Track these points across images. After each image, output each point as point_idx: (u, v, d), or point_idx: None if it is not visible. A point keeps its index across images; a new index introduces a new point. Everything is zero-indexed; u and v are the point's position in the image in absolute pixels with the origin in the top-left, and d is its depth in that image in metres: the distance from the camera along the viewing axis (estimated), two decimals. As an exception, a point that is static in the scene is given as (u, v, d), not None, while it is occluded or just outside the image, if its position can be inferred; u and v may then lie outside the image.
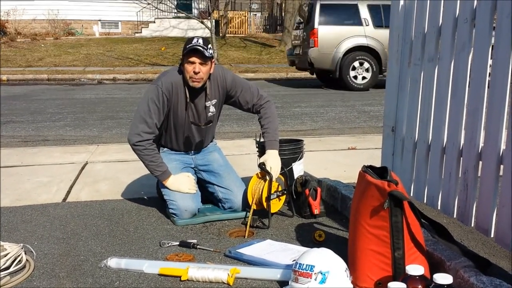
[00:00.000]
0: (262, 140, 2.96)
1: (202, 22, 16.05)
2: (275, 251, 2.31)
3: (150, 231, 2.69)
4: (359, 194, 2.04)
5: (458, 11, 2.36)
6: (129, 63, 15.41)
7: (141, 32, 21.19)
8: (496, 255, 2.30)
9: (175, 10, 18.60)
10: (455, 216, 2.40)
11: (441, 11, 2.49)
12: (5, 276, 2.08)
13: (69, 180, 3.72)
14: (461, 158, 2.34)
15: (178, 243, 2.47)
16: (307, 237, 2.56)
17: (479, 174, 2.22)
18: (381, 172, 2.02)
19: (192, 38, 2.79)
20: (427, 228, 2.00)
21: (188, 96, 2.84)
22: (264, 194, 2.73)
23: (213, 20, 16.68)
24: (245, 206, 2.89)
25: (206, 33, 15.75)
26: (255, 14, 27.08)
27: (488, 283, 1.72)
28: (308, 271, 1.81)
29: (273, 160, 2.85)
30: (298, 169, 3.07)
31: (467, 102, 2.30)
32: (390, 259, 1.89)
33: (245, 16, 25.29)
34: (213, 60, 2.83)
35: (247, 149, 4.56)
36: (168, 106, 2.84)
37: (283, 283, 1.99)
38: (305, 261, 1.85)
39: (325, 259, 1.84)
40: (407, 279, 1.72)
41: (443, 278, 1.63)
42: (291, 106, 8.10)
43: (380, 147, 3.08)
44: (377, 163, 2.64)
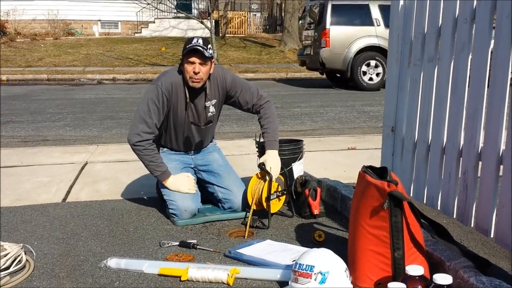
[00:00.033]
0: (262, 140, 2.96)
1: (202, 22, 16.04)
2: (275, 251, 2.31)
3: (150, 231, 2.69)
4: (359, 195, 2.04)
5: (458, 11, 2.36)
6: (128, 63, 15.40)
7: (140, 32, 21.19)
8: (495, 256, 2.30)
9: (175, 10, 18.59)
10: (454, 216, 2.40)
11: (441, 11, 2.49)
12: (5, 276, 2.08)
13: (69, 180, 3.72)
14: (461, 158, 2.34)
15: (178, 243, 2.47)
16: (306, 237, 2.56)
17: (479, 175, 2.22)
18: (381, 172, 2.02)
19: (192, 38, 2.79)
20: (427, 229, 2.00)
21: (188, 96, 2.84)
22: (264, 194, 2.73)
23: (213, 20, 16.69)
24: (245, 206, 2.88)
25: (206, 33, 15.75)
26: (255, 14, 27.08)
27: (488, 284, 1.72)
28: (308, 271, 1.81)
29: (273, 160, 2.85)
30: (298, 169, 3.07)
31: (467, 102, 2.30)
32: (390, 259, 1.90)
33: (244, 16, 25.29)
34: (213, 60, 2.83)
35: (246, 149, 4.56)
36: (168, 106, 2.84)
37: (283, 283, 1.99)
38: (305, 261, 1.85)
39: (325, 259, 1.85)
40: (407, 279, 1.72)
41: (442, 279, 1.63)
42: (291, 106, 8.10)
43: (380, 147, 3.08)
44: (377, 163, 2.64)
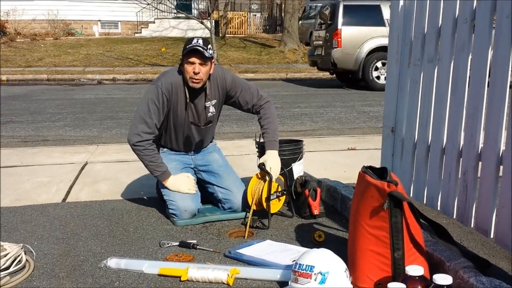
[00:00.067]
0: (261, 140, 2.96)
1: (201, 23, 16.03)
2: (274, 252, 2.31)
3: (150, 231, 2.69)
4: (358, 195, 2.04)
5: (457, 12, 2.36)
6: (128, 63, 15.39)
7: (140, 33, 21.18)
8: (495, 256, 2.30)
9: (175, 11, 18.57)
10: (454, 216, 2.40)
11: (441, 11, 2.49)
12: (5, 276, 2.08)
13: (69, 180, 3.72)
14: (461, 158, 2.34)
15: (177, 243, 2.47)
16: (306, 238, 2.56)
17: (479, 175, 2.22)
18: (380, 172, 2.02)
19: (192, 39, 2.79)
20: (427, 229, 2.01)
21: (188, 97, 2.84)
22: (264, 195, 2.73)
23: (213, 21, 16.68)
24: (245, 206, 2.88)
25: (206, 33, 15.73)
26: (255, 15, 27.08)
27: (488, 284, 1.72)
28: (308, 272, 1.81)
29: (272, 160, 2.85)
30: (297, 169, 3.07)
31: (467, 102, 2.30)
32: (390, 259, 1.90)
33: (244, 16, 25.29)
34: (213, 61, 2.83)
35: (246, 149, 4.56)
36: (168, 106, 2.84)
37: (283, 284, 1.99)
38: (304, 261, 1.85)
39: (324, 260, 1.85)
40: (406, 279, 1.72)
41: (442, 279, 1.63)
42: (290, 107, 8.10)
43: (379, 147, 3.08)
44: (377, 164, 2.64)
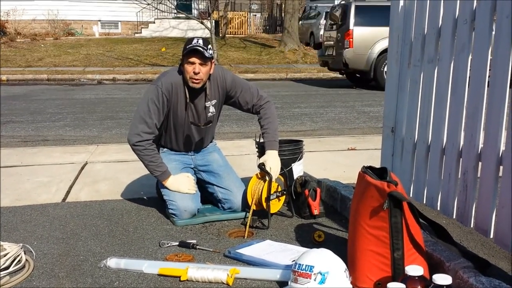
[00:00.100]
0: (261, 140, 2.96)
1: (202, 23, 16.03)
2: (274, 252, 2.31)
3: (150, 231, 2.69)
4: (358, 195, 2.04)
5: (457, 12, 2.36)
6: (128, 64, 15.39)
7: (141, 33, 21.18)
8: (495, 256, 2.30)
9: (175, 11, 18.57)
10: (454, 216, 2.40)
11: (441, 12, 2.49)
12: (5, 276, 2.08)
13: (69, 180, 3.72)
14: (461, 158, 2.34)
15: (177, 243, 2.47)
16: (306, 238, 2.56)
17: (479, 175, 2.22)
18: (380, 172, 2.02)
19: (192, 39, 2.79)
20: (427, 229, 2.01)
21: (188, 97, 2.84)
22: (264, 195, 2.73)
23: (213, 21, 16.68)
24: (245, 206, 2.88)
25: (206, 33, 15.74)
26: (255, 15, 27.08)
27: (487, 284, 1.72)
28: (308, 272, 1.81)
29: (272, 160, 2.85)
30: (297, 169, 3.07)
31: (467, 102, 2.30)
32: (390, 259, 1.90)
33: (245, 16, 25.28)
34: (213, 61, 2.83)
35: (246, 149, 4.56)
36: (168, 106, 2.84)
37: (283, 284, 1.99)
38: (304, 261, 1.85)
39: (324, 260, 1.85)
40: (406, 279, 1.72)
41: (442, 279, 1.63)
42: (290, 107, 8.10)
43: (379, 147, 3.08)
44: (377, 164, 2.64)
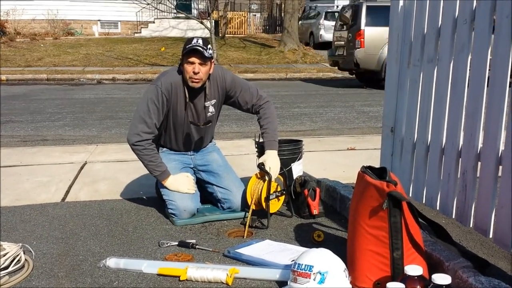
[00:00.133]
0: (261, 140, 2.96)
1: (201, 23, 16.02)
2: (274, 251, 2.31)
3: (149, 231, 2.69)
4: (358, 195, 2.04)
5: (457, 12, 2.36)
6: (128, 63, 15.39)
7: (140, 32, 21.17)
8: (494, 256, 2.30)
9: (175, 11, 18.56)
10: (453, 216, 2.40)
11: (441, 11, 2.49)
12: (4, 275, 2.08)
13: (68, 180, 3.72)
14: (460, 158, 2.34)
15: (177, 243, 2.47)
16: (306, 237, 2.56)
17: (478, 175, 2.22)
18: (380, 172, 2.02)
19: (191, 39, 2.79)
20: (426, 229, 2.01)
21: (187, 96, 2.84)
22: (263, 194, 2.73)
23: (213, 21, 16.68)
24: (244, 206, 2.88)
25: (206, 33, 15.73)
26: (255, 15, 27.07)
27: (487, 284, 1.72)
28: (307, 271, 1.81)
29: (272, 160, 2.85)
30: (297, 169, 3.07)
31: (466, 102, 2.30)
32: (389, 259, 1.90)
33: (244, 16, 25.28)
34: (212, 61, 2.83)
35: (246, 149, 4.56)
36: (168, 106, 2.84)
37: (282, 283, 1.99)
38: (304, 261, 1.85)
39: (324, 259, 1.85)
40: (405, 279, 1.72)
41: (441, 279, 1.64)
42: (290, 107, 8.10)
43: (379, 147, 3.08)
44: (376, 164, 2.64)
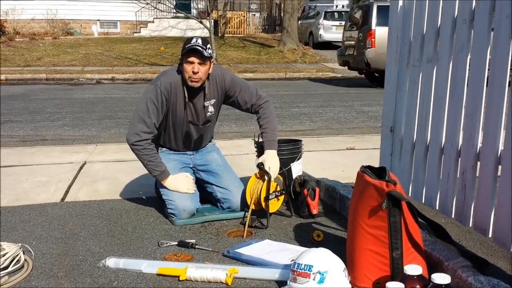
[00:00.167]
0: (260, 140, 2.96)
1: (201, 22, 16.02)
2: (273, 251, 2.31)
3: (149, 231, 2.69)
4: (357, 194, 2.04)
5: (456, 12, 2.37)
6: (127, 63, 15.38)
7: (140, 32, 21.17)
8: (494, 255, 2.30)
9: (174, 10, 18.57)
10: (453, 216, 2.40)
11: (440, 11, 2.49)
12: (4, 275, 2.08)
13: (68, 180, 3.72)
14: (459, 158, 2.35)
15: (176, 243, 2.47)
16: (305, 237, 2.56)
17: (477, 175, 2.23)
18: (379, 172, 2.02)
19: (191, 38, 2.79)
20: (425, 228, 2.01)
21: (186, 96, 2.84)
22: (263, 194, 2.73)
23: (212, 20, 16.68)
24: (244, 206, 2.88)
25: (205, 33, 15.74)
26: (254, 14, 27.08)
27: (486, 283, 1.72)
28: (307, 271, 1.81)
29: (271, 160, 2.85)
30: (296, 169, 3.07)
31: (466, 102, 2.31)
32: (388, 259, 1.90)
33: (244, 16, 25.28)
34: (212, 60, 2.83)
35: (245, 149, 4.56)
36: (167, 106, 2.84)
37: (282, 283, 1.99)
38: (303, 261, 1.85)
39: (323, 259, 1.85)
40: (405, 279, 1.73)
41: (441, 278, 1.64)
42: (289, 106, 8.10)
43: (378, 147, 3.08)
44: (376, 163, 2.64)
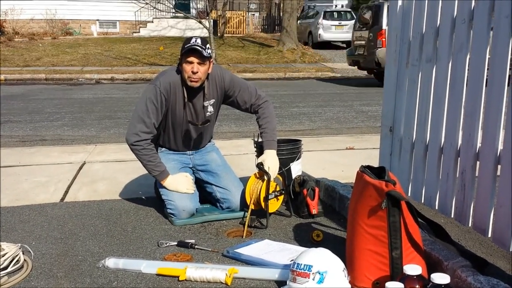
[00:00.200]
0: (260, 140, 2.96)
1: (200, 22, 16.01)
2: (273, 251, 2.31)
3: (148, 231, 2.69)
4: (357, 194, 2.04)
5: (456, 12, 2.37)
6: (127, 63, 15.38)
7: (139, 32, 21.16)
8: (493, 255, 2.31)
9: (173, 10, 18.57)
10: (452, 216, 2.41)
11: (439, 11, 2.49)
12: (3, 276, 2.08)
13: (67, 180, 3.72)
14: (459, 158, 2.35)
15: (176, 243, 2.47)
16: (305, 237, 2.56)
17: (477, 174, 2.23)
18: (379, 172, 2.02)
19: (190, 38, 2.79)
20: (425, 228, 2.01)
21: (186, 96, 2.84)
22: (262, 194, 2.73)
23: (211, 20, 16.66)
24: (243, 206, 2.88)
25: (204, 33, 15.74)
26: (253, 14, 27.08)
27: (486, 283, 1.72)
28: (306, 271, 1.81)
29: (271, 160, 2.85)
30: (296, 169, 3.07)
31: (465, 102, 2.31)
32: (388, 259, 1.90)
33: (243, 16, 25.27)
34: (211, 60, 2.82)
35: (245, 149, 4.56)
36: (166, 106, 2.84)
37: (281, 283, 1.99)
38: (303, 261, 1.85)
39: (323, 259, 1.85)
40: (404, 278, 1.73)
41: (440, 278, 1.64)
42: (289, 106, 8.10)
43: (378, 147, 3.08)
44: (375, 163, 2.64)
